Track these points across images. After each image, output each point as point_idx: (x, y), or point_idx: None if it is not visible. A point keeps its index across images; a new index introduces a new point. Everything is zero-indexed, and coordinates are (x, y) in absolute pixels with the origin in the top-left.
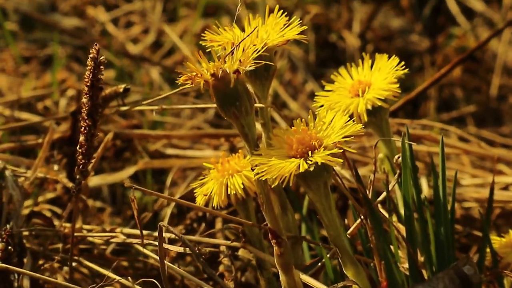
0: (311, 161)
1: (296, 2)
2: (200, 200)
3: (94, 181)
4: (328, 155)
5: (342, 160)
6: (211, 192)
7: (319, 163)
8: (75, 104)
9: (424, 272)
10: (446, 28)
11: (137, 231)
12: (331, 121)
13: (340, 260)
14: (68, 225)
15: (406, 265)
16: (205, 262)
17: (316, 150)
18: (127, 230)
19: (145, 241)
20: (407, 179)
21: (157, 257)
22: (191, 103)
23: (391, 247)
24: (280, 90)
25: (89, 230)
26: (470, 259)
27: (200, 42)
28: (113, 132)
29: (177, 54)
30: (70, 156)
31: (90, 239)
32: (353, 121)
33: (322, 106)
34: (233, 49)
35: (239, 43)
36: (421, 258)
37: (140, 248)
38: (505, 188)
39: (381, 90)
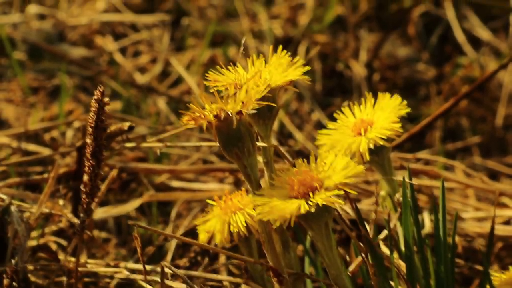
0: (312, 202)
1: (303, 31)
2: (203, 238)
3: (99, 213)
4: (329, 196)
5: (343, 202)
6: (214, 230)
7: (320, 205)
8: (81, 137)
9: None
10: (453, 57)
11: (140, 266)
12: (333, 162)
13: None
14: (72, 259)
15: None
16: None
17: (317, 191)
18: (131, 265)
19: (148, 277)
20: (408, 218)
21: None
22: (196, 138)
23: (392, 284)
24: (285, 120)
25: (93, 265)
26: None
27: (204, 82)
28: (119, 167)
29: (183, 84)
30: (76, 191)
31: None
32: (355, 161)
33: (324, 144)
34: (236, 91)
35: (242, 86)
36: None
37: (143, 284)
38: (507, 222)
39: (383, 130)
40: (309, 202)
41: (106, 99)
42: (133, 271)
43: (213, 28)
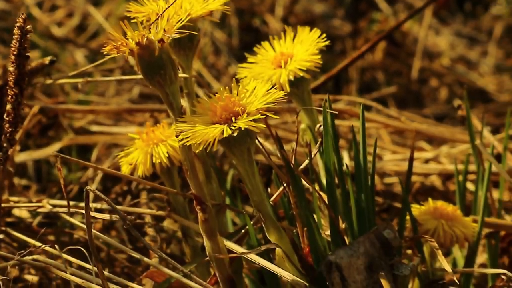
0: (234, 126)
1: None
2: (125, 169)
3: (19, 157)
4: (251, 121)
5: (264, 126)
6: (136, 161)
7: (242, 129)
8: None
9: (346, 238)
10: (368, 13)
11: (63, 202)
12: (254, 89)
13: (263, 225)
14: None
15: (328, 232)
16: (132, 227)
17: (239, 117)
18: (54, 201)
19: (71, 210)
20: (329, 146)
21: (84, 227)
22: (114, 85)
23: (314, 215)
24: (203, 71)
25: (15, 202)
26: (389, 223)
27: (125, 13)
28: (39, 106)
29: (101, 37)
30: None
31: (17, 213)
32: (275, 89)
33: (245, 77)
34: (157, 19)
35: (163, 12)
36: (342, 225)
37: (67, 217)
38: (426, 162)
39: (303, 61)
40: (232, 127)
41: (29, 27)
42: (55, 206)
43: None
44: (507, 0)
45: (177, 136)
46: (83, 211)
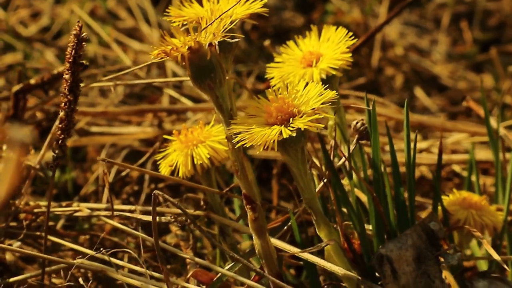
0: (292, 127)
1: None
2: (165, 171)
3: None
4: (308, 121)
5: (322, 126)
6: (176, 163)
7: (302, 129)
8: (16, 82)
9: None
10: (317, 4)
11: (99, 205)
12: (305, 89)
13: (314, 222)
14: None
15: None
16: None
17: (296, 117)
18: (89, 204)
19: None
20: (377, 142)
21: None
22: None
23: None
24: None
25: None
26: (434, 215)
27: (164, 18)
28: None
29: (67, 36)
30: None
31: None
32: (326, 88)
33: (273, 77)
34: (209, 23)
35: (217, 18)
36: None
37: (106, 220)
38: (419, 152)
39: (334, 60)
40: (290, 128)
41: (84, 34)
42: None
43: None
44: None
45: (227, 138)
46: (124, 213)
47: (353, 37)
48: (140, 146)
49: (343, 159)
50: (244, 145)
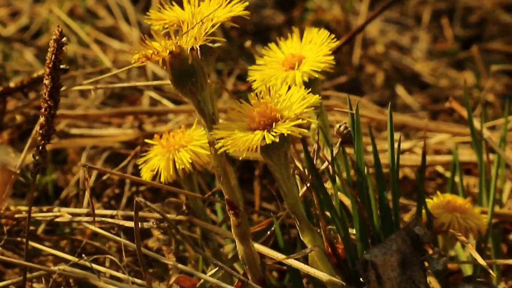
0: (275, 132)
1: None
2: (146, 176)
3: None
4: (292, 126)
5: (306, 131)
6: (158, 168)
7: (285, 134)
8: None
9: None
10: (298, 2)
11: (79, 210)
12: (288, 93)
13: (297, 227)
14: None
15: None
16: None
17: (279, 122)
18: (70, 209)
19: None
20: (360, 146)
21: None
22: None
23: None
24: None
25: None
26: (419, 220)
27: (145, 21)
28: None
29: (47, 35)
30: None
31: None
32: (309, 92)
33: (255, 80)
34: (191, 27)
35: (199, 21)
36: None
37: (88, 225)
38: (402, 153)
39: (317, 62)
40: (273, 133)
41: (64, 39)
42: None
43: None
44: None
45: (209, 143)
46: (106, 219)
47: (335, 39)
48: (120, 148)
49: (326, 163)
50: (227, 151)
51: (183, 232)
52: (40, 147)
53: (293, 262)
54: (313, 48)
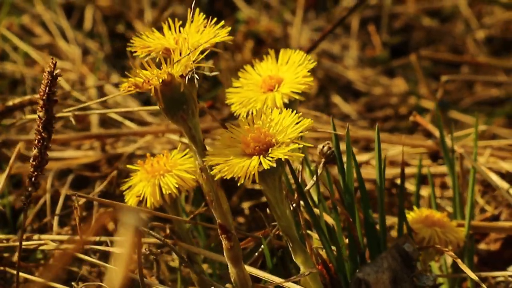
0: (272, 157)
1: None
2: (132, 202)
3: None
4: (288, 151)
5: (303, 155)
6: (144, 194)
7: (282, 159)
8: None
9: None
10: (225, 12)
11: (61, 237)
12: (280, 118)
13: (290, 249)
14: None
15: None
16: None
17: (274, 147)
18: (53, 236)
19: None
20: (350, 165)
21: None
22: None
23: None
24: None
25: (7, 240)
26: (408, 237)
27: (128, 49)
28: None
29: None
30: None
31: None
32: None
33: (233, 103)
34: (183, 56)
35: (195, 49)
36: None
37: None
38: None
39: (296, 84)
40: (268, 158)
41: (58, 71)
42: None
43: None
44: None
45: (201, 170)
46: (93, 246)
47: (312, 61)
48: (83, 170)
49: (311, 182)
50: (224, 177)
51: (183, 256)
52: (33, 179)
53: (290, 285)
54: (290, 69)
